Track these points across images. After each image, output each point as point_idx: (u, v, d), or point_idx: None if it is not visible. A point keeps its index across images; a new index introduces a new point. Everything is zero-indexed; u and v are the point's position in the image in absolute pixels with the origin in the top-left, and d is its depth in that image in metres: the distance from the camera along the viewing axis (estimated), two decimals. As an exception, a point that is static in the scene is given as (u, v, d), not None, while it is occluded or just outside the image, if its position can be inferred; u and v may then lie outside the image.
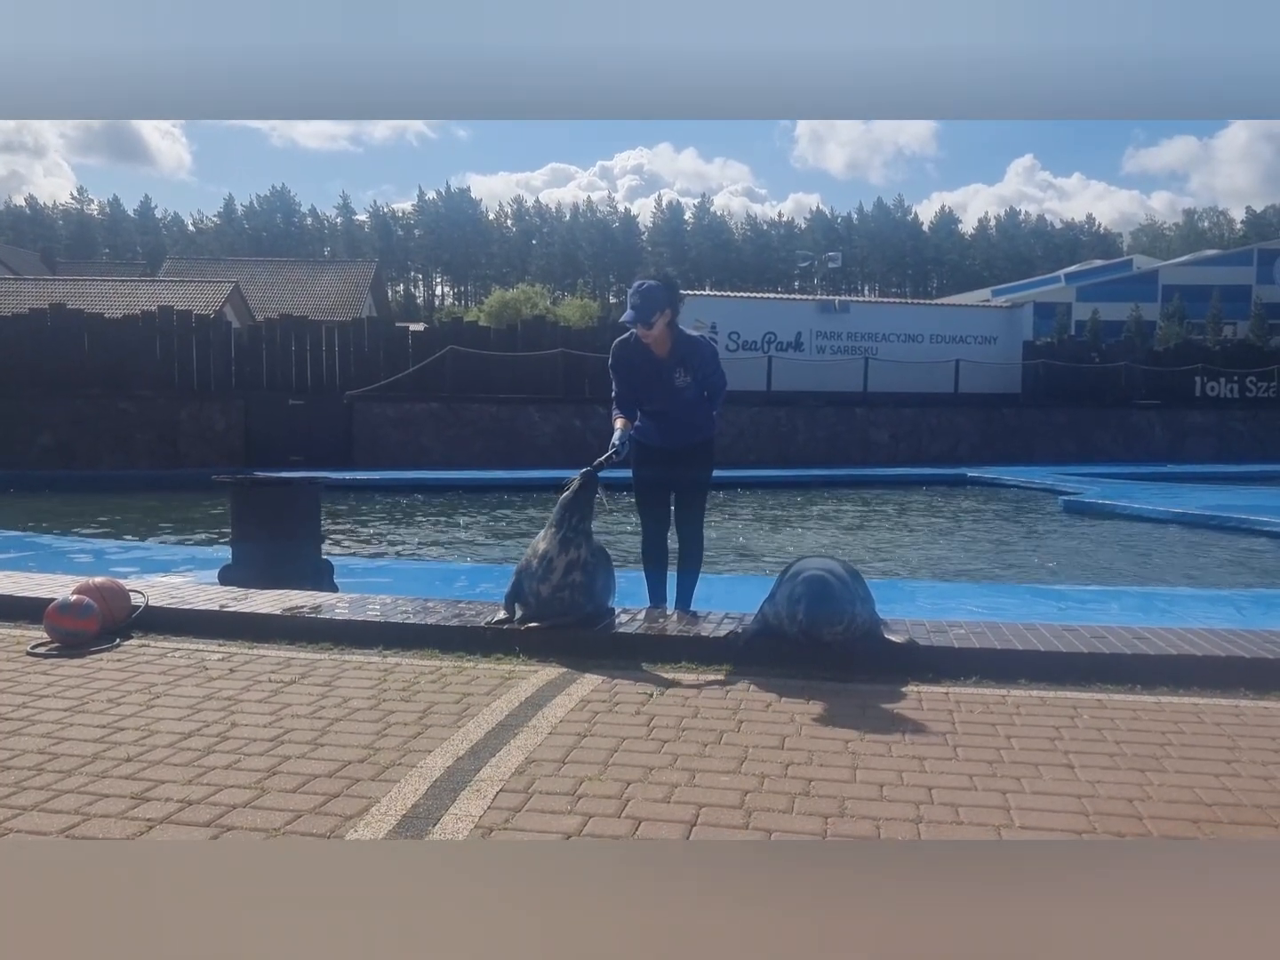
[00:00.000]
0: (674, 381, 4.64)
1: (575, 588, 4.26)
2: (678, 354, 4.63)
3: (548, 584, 4.24)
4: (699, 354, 4.68)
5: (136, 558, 7.98)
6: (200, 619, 4.55)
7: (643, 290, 4.51)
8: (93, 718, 3.29)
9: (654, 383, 4.67)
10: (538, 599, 4.27)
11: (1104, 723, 3.31)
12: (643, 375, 4.69)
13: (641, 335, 4.56)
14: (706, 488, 4.96)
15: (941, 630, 4.22)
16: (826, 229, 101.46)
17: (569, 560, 4.24)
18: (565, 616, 4.27)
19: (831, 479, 17.09)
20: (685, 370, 4.63)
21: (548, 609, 4.26)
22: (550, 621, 4.24)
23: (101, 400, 17.54)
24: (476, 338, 20.77)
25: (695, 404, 4.75)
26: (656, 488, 4.92)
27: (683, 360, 4.63)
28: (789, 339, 23.10)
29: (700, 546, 4.93)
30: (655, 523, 4.95)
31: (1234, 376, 24.48)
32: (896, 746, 3.06)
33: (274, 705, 3.45)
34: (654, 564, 5.00)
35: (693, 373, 4.65)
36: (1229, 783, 2.78)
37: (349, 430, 18.57)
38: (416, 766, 2.85)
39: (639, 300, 4.48)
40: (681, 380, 4.63)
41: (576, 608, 4.29)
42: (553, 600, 4.25)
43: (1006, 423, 22.25)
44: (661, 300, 4.49)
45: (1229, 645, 3.97)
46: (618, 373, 4.77)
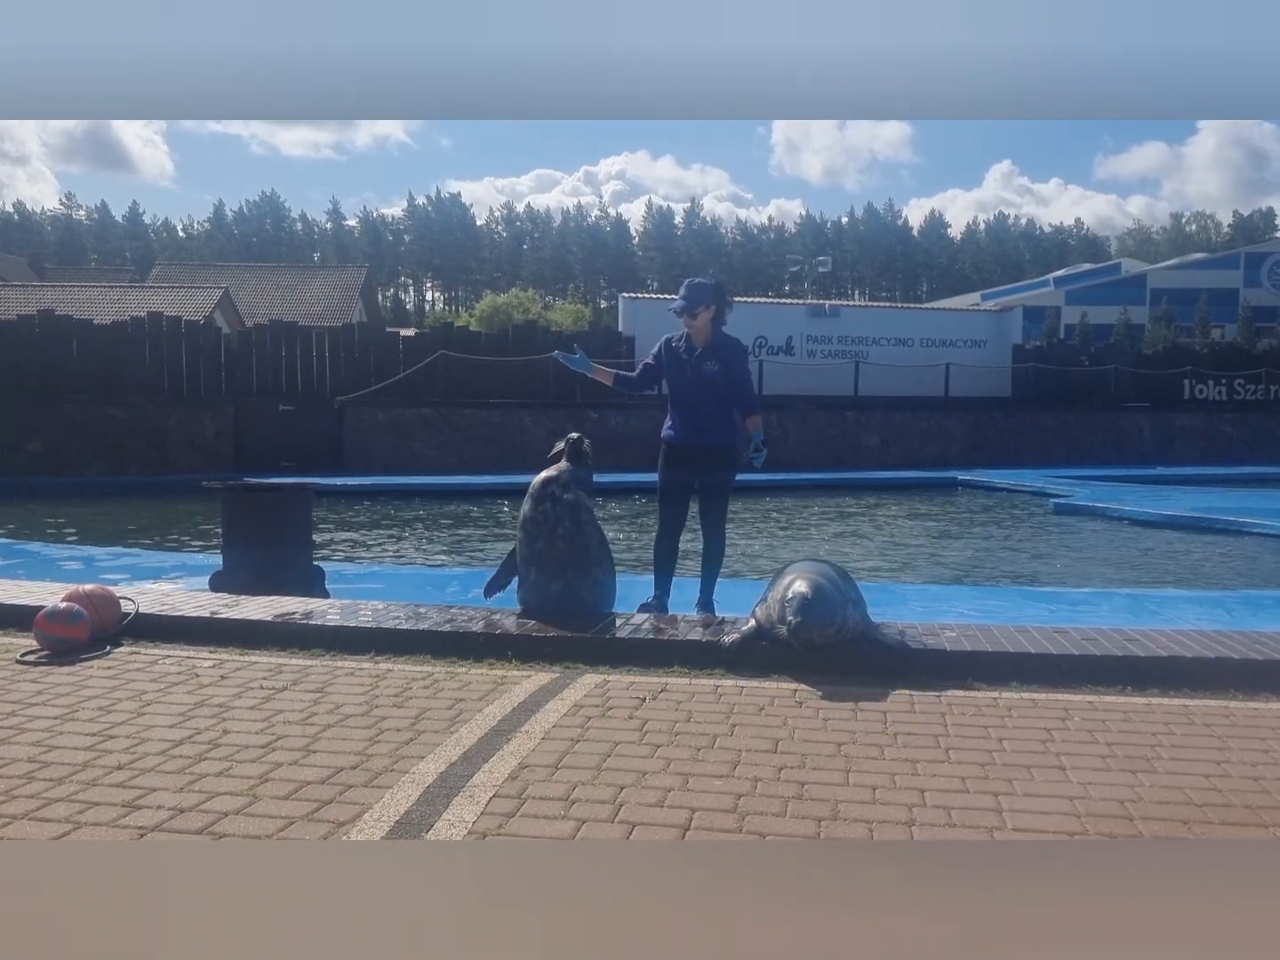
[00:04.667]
0: (705, 369, 5.05)
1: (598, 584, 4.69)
2: (713, 345, 5.09)
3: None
4: (731, 349, 5.15)
5: (126, 565, 7.94)
6: (191, 626, 4.54)
7: (694, 284, 5.08)
8: (83, 725, 3.27)
9: (687, 369, 5.11)
10: None
11: (1095, 724, 3.32)
12: (679, 362, 5.14)
13: (686, 323, 5.05)
14: (727, 489, 5.27)
15: (933, 633, 4.23)
16: (816, 233, 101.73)
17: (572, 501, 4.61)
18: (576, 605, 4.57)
19: (823, 483, 17.11)
20: (716, 360, 5.06)
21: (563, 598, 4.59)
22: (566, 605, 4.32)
23: (90, 406, 17.47)
24: (468, 343, 20.76)
25: (721, 400, 5.11)
26: (678, 488, 5.20)
27: (716, 350, 5.08)
28: (780, 343, 23.13)
29: (721, 543, 5.24)
30: (671, 522, 5.20)
31: (1222, 379, 24.62)
32: (889, 749, 3.07)
33: (266, 712, 3.43)
34: (663, 564, 5.18)
35: (723, 364, 5.06)
36: (1219, 783, 2.79)
37: (340, 436, 18.53)
38: (409, 772, 2.84)
39: (689, 292, 5.01)
40: (711, 368, 5.04)
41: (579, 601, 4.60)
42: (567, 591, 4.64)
43: (996, 426, 22.33)
44: (709, 295, 5.02)
45: (1218, 646, 3.99)
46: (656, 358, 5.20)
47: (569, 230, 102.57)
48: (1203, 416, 23.81)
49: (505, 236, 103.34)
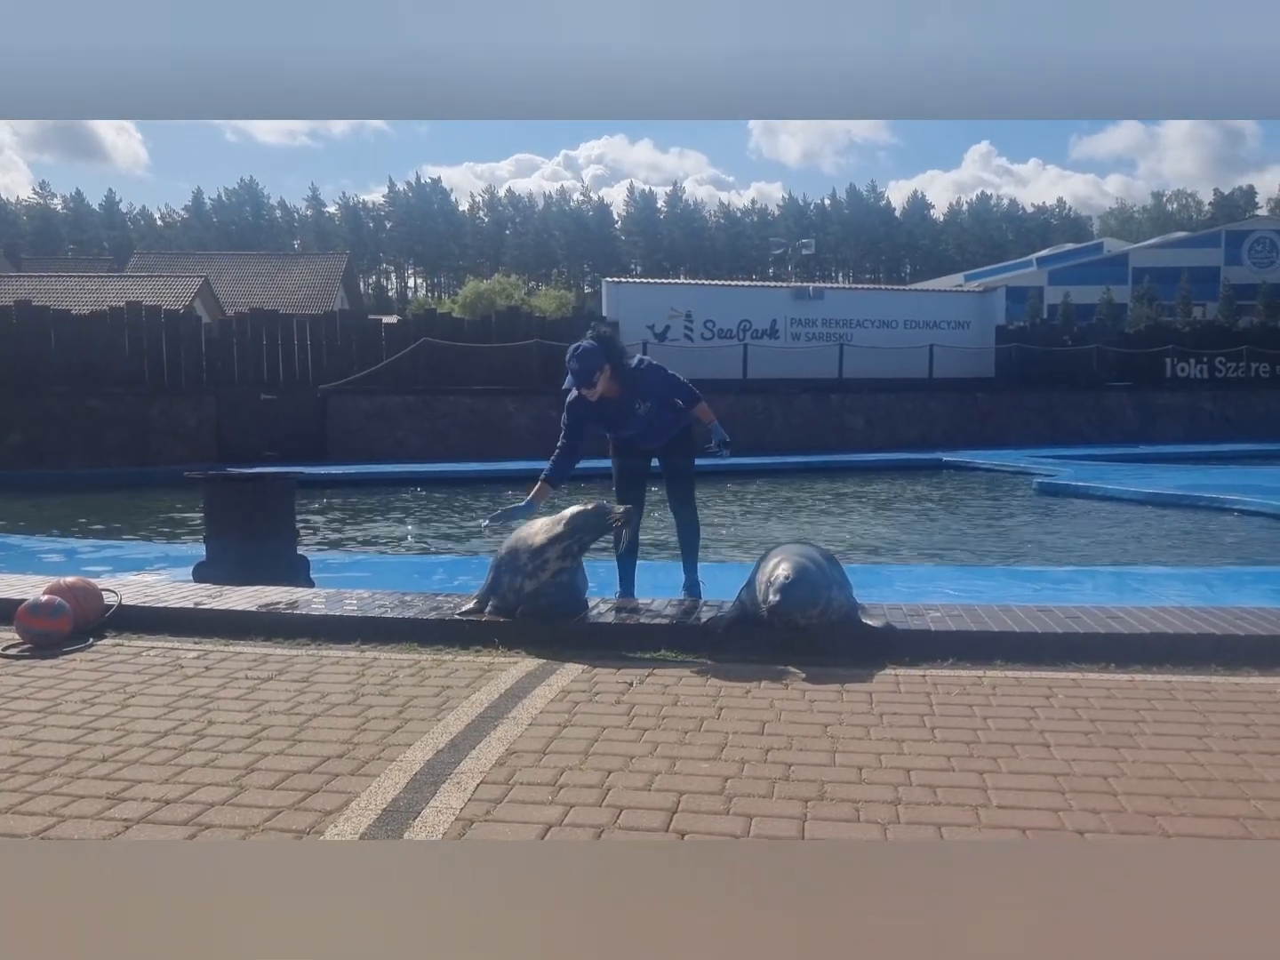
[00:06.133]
0: (636, 412, 4.84)
1: (561, 586, 4.28)
2: (630, 390, 4.81)
3: (535, 580, 4.23)
4: (650, 384, 4.85)
5: (109, 556, 7.89)
6: (175, 617, 4.51)
7: (579, 354, 4.68)
8: (66, 718, 3.25)
9: (618, 418, 4.89)
10: (519, 594, 4.26)
11: (1079, 702, 3.35)
12: (605, 415, 4.89)
13: (589, 394, 4.74)
14: (691, 472, 5.14)
15: (918, 613, 4.25)
16: (799, 216, 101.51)
17: (561, 565, 4.24)
18: (550, 610, 4.27)
19: (808, 465, 17.15)
20: (641, 398, 4.82)
21: (531, 603, 4.25)
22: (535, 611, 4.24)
23: (70, 398, 17.29)
24: (451, 329, 20.65)
25: (660, 412, 4.92)
26: (633, 474, 5.09)
27: (636, 392, 4.81)
28: (764, 326, 23.12)
29: (695, 525, 5.17)
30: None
31: (1203, 358, 24.75)
32: (875, 729, 3.08)
33: (251, 702, 3.42)
34: (626, 553, 5.04)
35: (651, 397, 4.83)
36: (1201, 758, 2.82)
37: (323, 424, 18.42)
38: (396, 760, 2.84)
39: (577, 365, 4.66)
40: (643, 409, 4.83)
41: (560, 604, 4.29)
42: (537, 595, 4.24)
43: (980, 407, 22.39)
44: (599, 359, 4.68)
45: (1200, 623, 4.02)
46: (575, 424, 4.88)
47: (551, 215, 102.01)
48: (1185, 395, 23.94)
49: (487, 222, 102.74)
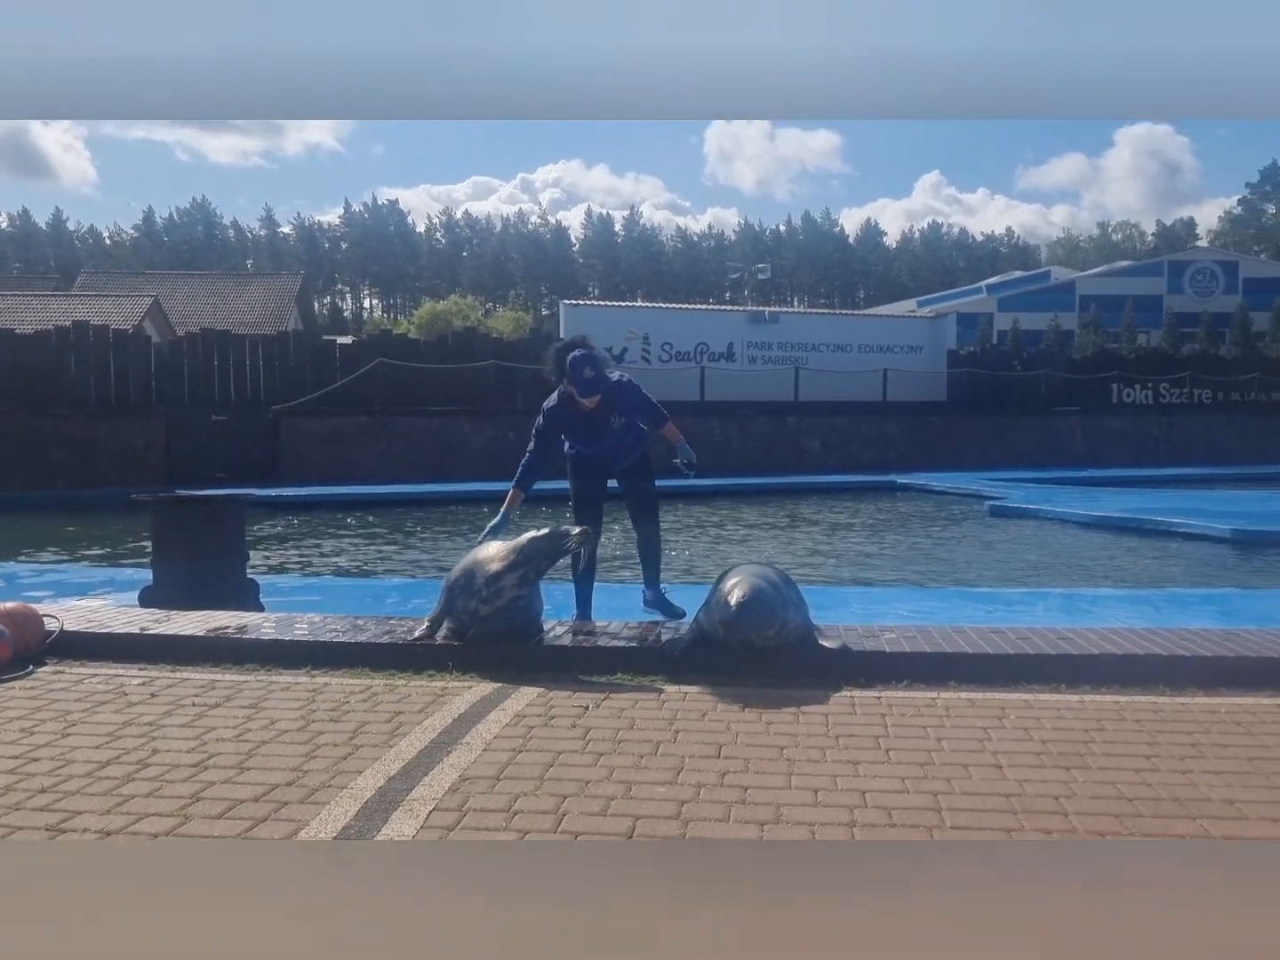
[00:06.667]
0: (612, 426, 4.90)
1: (518, 611, 4.24)
2: (609, 404, 4.84)
3: (490, 605, 4.19)
4: (627, 398, 4.92)
5: (51, 581, 7.68)
6: (119, 643, 4.40)
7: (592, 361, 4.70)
8: (4, 748, 3.15)
9: (593, 431, 4.92)
10: (474, 617, 4.21)
11: (1030, 722, 3.38)
12: (581, 427, 4.92)
13: (586, 404, 4.76)
14: (652, 493, 5.19)
15: (873, 635, 4.27)
16: (755, 241, 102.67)
17: (518, 592, 4.21)
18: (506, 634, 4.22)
19: (765, 487, 17.26)
20: (619, 415, 4.90)
21: (486, 627, 4.21)
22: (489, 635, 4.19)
23: (14, 418, 16.90)
24: (407, 350, 20.56)
25: (630, 430, 5.00)
26: (591, 494, 5.10)
27: (616, 407, 4.87)
28: (721, 349, 23.31)
29: (657, 543, 5.19)
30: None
31: (1148, 383, 25.40)
32: (830, 751, 3.09)
33: (197, 730, 3.34)
34: (583, 575, 5.00)
35: (624, 411, 4.92)
36: (1149, 778, 2.86)
37: (275, 446, 18.19)
38: (347, 788, 2.79)
39: (593, 372, 4.67)
40: (618, 424, 4.91)
41: (516, 628, 4.25)
42: (492, 619, 4.20)
43: (933, 430, 22.73)
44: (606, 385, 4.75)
45: (1147, 644, 4.09)
46: (549, 433, 4.93)
47: (509, 237, 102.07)
48: (1130, 419, 24.53)
49: (444, 243, 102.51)
